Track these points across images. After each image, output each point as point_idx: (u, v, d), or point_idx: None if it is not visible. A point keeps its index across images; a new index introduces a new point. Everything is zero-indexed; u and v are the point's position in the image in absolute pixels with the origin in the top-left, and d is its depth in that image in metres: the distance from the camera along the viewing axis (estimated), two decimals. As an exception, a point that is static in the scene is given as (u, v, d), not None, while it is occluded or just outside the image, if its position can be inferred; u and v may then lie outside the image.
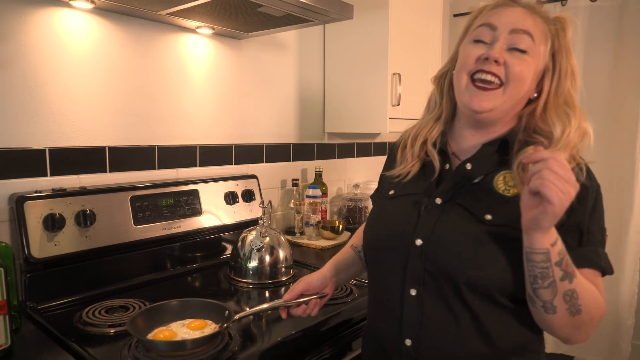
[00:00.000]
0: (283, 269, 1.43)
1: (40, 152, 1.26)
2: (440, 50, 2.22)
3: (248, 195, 1.68)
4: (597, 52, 2.36)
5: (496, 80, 0.79)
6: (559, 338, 0.78)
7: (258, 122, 1.87)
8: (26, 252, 1.13)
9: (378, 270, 0.92)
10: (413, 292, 0.82)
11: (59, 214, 1.19)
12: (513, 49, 0.79)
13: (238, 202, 1.64)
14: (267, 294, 1.34)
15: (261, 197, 1.73)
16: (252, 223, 1.63)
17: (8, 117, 1.20)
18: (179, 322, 1.00)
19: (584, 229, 0.77)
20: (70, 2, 1.25)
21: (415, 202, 0.86)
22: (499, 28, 0.80)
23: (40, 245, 1.16)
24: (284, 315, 1.00)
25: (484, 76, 0.80)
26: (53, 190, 1.23)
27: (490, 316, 0.78)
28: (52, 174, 1.28)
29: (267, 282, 1.40)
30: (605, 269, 0.78)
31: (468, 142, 0.87)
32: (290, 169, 2.02)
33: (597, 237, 0.78)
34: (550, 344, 2.41)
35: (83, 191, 1.26)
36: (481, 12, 0.85)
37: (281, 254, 1.43)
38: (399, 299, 0.84)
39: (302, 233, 1.93)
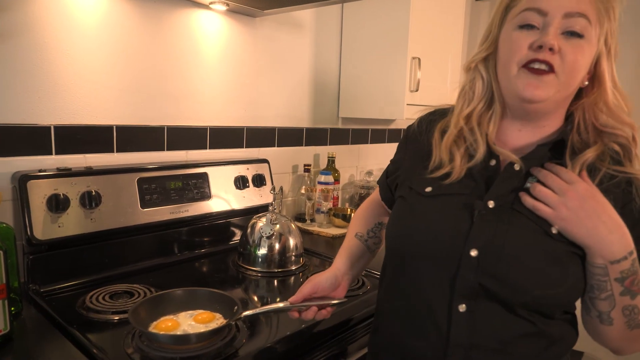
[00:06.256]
0: (293, 258, 1.38)
1: (45, 129, 1.21)
2: (462, 36, 2.13)
3: (259, 180, 1.63)
4: None
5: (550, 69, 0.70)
6: (608, 348, 0.72)
7: (271, 104, 1.81)
8: (29, 233, 1.09)
9: (410, 280, 0.79)
10: (462, 307, 0.72)
11: (63, 194, 1.15)
12: (568, 33, 0.68)
13: (248, 186, 1.59)
14: (275, 283, 1.30)
15: (272, 182, 1.68)
16: (262, 209, 1.58)
17: (11, 91, 1.15)
18: (187, 312, 0.96)
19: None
20: (78, -28, 1.19)
21: (464, 205, 0.75)
22: (550, 13, 0.68)
23: (44, 227, 1.12)
24: (295, 317, 0.90)
25: (537, 66, 0.69)
26: (58, 169, 1.18)
27: (546, 327, 0.72)
28: (57, 153, 1.24)
29: (276, 270, 1.35)
30: None
31: (515, 137, 0.78)
32: (302, 154, 1.96)
33: None
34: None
35: (89, 171, 1.22)
36: None
37: (291, 242, 1.38)
38: (445, 315, 0.73)
39: (312, 220, 1.89)
